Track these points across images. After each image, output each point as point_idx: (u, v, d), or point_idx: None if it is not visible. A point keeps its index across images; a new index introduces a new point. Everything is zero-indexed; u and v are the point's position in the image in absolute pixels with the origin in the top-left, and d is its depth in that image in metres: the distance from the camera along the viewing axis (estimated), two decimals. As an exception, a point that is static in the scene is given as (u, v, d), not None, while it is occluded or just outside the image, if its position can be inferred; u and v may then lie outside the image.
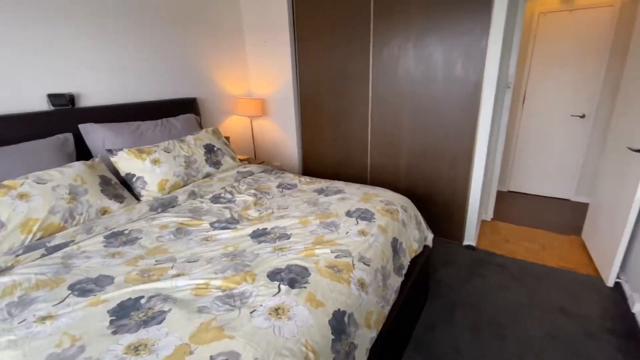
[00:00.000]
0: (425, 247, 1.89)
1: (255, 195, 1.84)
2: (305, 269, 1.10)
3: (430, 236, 1.92)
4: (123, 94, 2.25)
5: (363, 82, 2.71)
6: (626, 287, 2.01)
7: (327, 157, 3.15)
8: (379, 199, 1.76)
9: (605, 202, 2.31)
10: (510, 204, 3.41)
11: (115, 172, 1.86)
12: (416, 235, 1.75)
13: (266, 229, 1.43)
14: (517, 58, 2.67)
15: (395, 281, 1.42)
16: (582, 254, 2.46)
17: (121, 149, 1.86)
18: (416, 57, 2.41)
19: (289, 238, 1.33)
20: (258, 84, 3.30)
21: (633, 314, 1.83)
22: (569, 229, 2.82)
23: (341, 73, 2.80)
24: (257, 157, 3.42)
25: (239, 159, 2.80)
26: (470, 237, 2.58)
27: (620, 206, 2.02)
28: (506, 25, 2.14)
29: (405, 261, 1.56)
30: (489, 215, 3.04)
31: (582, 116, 3.20)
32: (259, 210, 1.64)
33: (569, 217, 3.06)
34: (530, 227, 2.88)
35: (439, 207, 2.62)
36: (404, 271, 1.52)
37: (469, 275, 2.23)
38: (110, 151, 1.86)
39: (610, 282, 2.08)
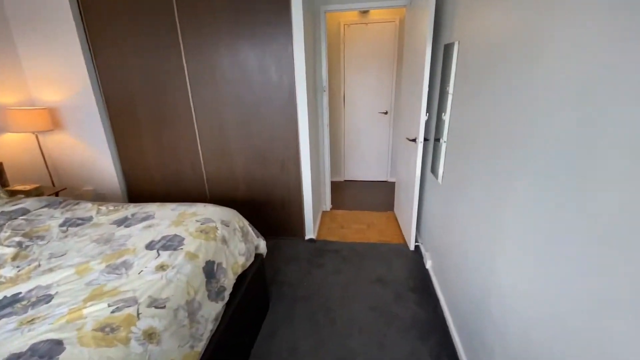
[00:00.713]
0: (258, 255, 1.86)
1: (19, 244, 1.38)
2: (59, 342, 0.85)
3: (262, 244, 1.91)
4: None
5: (181, 89, 2.45)
6: (422, 248, 2.54)
7: (155, 173, 2.75)
8: (196, 218, 1.61)
9: (402, 181, 2.86)
10: (345, 192, 3.86)
11: None
12: (242, 248, 1.69)
13: (20, 293, 1.06)
14: (328, 64, 2.96)
15: (213, 309, 1.31)
16: (395, 226, 2.99)
17: None
18: (231, 63, 2.34)
19: (49, 301, 1.01)
20: (42, 90, 2.56)
21: (427, 270, 2.32)
22: (386, 206, 3.39)
23: (154, 79, 2.46)
24: (57, 184, 2.69)
25: (23, 190, 2.12)
26: (310, 231, 2.75)
27: (409, 183, 2.52)
28: (308, 33, 2.31)
29: (228, 281, 1.47)
30: (328, 205, 3.33)
31: (386, 113, 3.90)
32: (18, 267, 1.22)
33: (386, 196, 3.69)
34: (359, 210, 3.32)
35: (279, 209, 2.68)
36: (227, 292, 1.44)
37: (309, 267, 2.37)
38: None
39: (412, 247, 2.58)
